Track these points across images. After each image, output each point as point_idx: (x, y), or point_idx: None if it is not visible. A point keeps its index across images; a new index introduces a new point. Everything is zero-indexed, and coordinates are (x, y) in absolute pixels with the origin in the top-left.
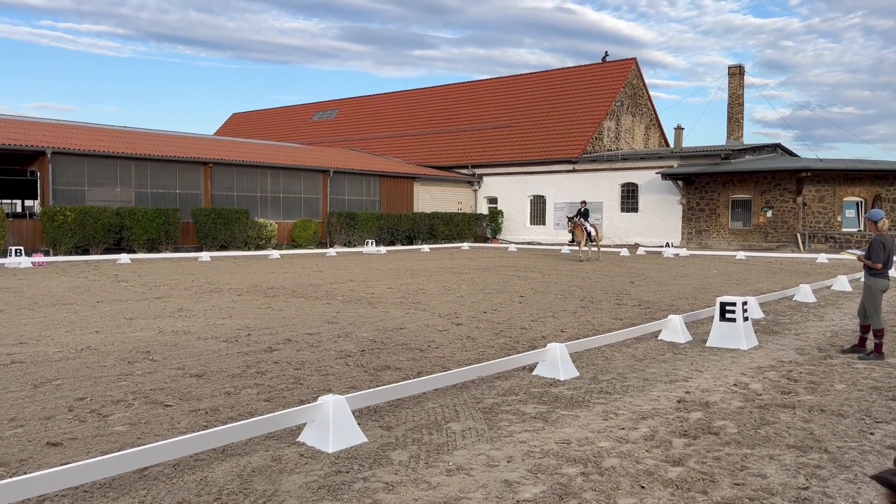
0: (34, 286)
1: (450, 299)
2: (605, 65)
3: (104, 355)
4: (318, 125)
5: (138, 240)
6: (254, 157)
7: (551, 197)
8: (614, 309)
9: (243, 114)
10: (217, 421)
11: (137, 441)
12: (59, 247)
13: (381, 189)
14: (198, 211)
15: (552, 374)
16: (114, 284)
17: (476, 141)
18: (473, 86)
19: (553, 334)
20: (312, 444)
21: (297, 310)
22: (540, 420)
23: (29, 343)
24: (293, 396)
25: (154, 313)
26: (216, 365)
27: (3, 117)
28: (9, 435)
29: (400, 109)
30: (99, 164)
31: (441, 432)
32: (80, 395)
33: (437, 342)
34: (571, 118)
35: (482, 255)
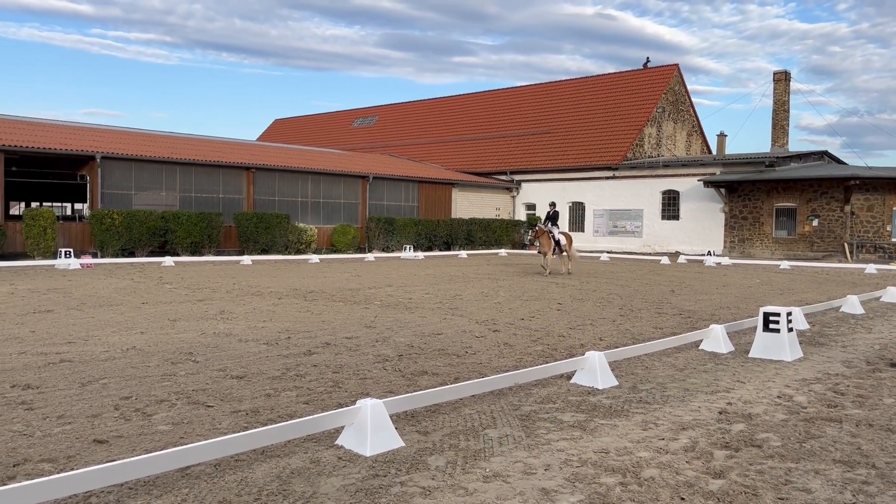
0: (82, 287)
1: (487, 305)
2: (647, 71)
3: (149, 356)
4: (358, 131)
5: (182, 243)
6: (295, 162)
7: (590, 204)
8: (654, 318)
9: (285, 120)
10: (257, 422)
11: (180, 440)
12: (107, 249)
13: (420, 195)
14: (240, 215)
15: (590, 383)
16: (158, 286)
17: (515, 147)
18: (512, 92)
19: (591, 342)
20: (350, 447)
21: (335, 314)
22: (578, 429)
23: (77, 342)
24: (331, 399)
25: (197, 315)
26: (257, 367)
27: (55, 123)
28: (57, 432)
29: (439, 116)
30: (145, 169)
31: (478, 438)
32: (125, 394)
33: (474, 348)
34: (611, 124)
35: (520, 262)
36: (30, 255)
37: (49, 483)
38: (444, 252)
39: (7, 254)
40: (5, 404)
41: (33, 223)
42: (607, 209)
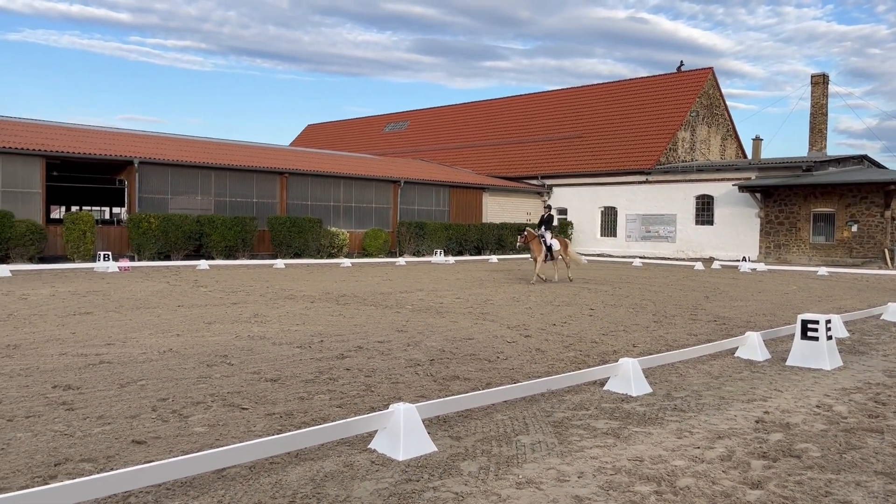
0: (120, 290)
1: (518, 310)
2: (680, 74)
3: (185, 358)
4: (390, 136)
5: (217, 247)
6: (327, 167)
7: (623, 208)
8: (688, 324)
9: (318, 125)
10: (291, 425)
11: (216, 442)
12: (144, 252)
13: (451, 199)
14: (273, 219)
15: (624, 390)
16: (194, 289)
17: (546, 151)
18: (544, 96)
19: (625, 349)
20: (383, 451)
21: (367, 318)
22: (612, 436)
23: (116, 344)
24: (364, 403)
25: (231, 318)
26: (290, 370)
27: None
28: (97, 432)
29: (470, 120)
30: (181, 174)
31: (511, 445)
32: (162, 395)
33: (505, 353)
34: (644, 129)
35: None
36: (70, 257)
37: (90, 483)
38: (474, 256)
39: (48, 256)
40: (47, 404)
41: (73, 227)
42: (640, 214)
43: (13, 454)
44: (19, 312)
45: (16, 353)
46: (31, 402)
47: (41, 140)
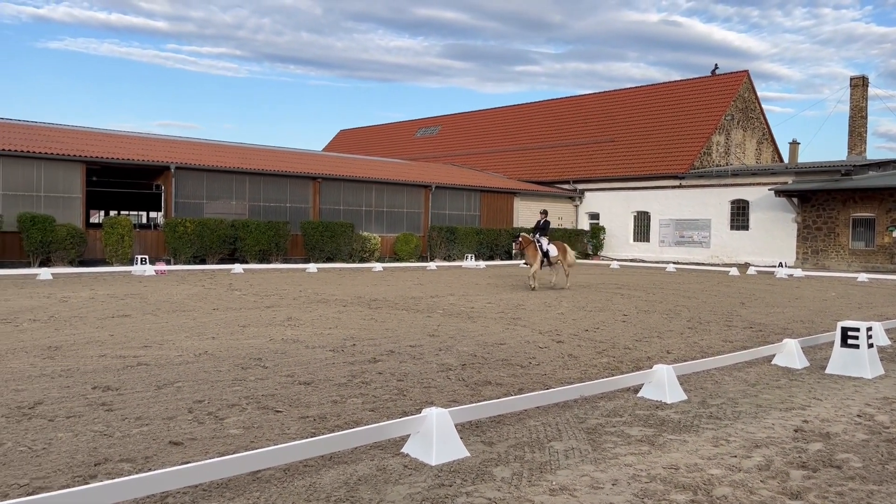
0: (157, 293)
1: (550, 316)
2: (715, 78)
3: (220, 360)
4: (421, 141)
5: (251, 251)
6: (359, 172)
7: (656, 213)
8: (723, 331)
9: (350, 130)
10: (325, 428)
11: (251, 444)
12: (179, 256)
13: (482, 204)
14: (306, 224)
15: (658, 397)
16: (228, 293)
17: (578, 156)
18: (575, 100)
19: (659, 355)
20: (416, 455)
21: (399, 322)
22: (646, 443)
23: (153, 346)
24: (396, 407)
25: (265, 321)
26: (323, 373)
27: (132, 135)
28: (135, 433)
29: (501, 125)
30: (216, 179)
31: (543, 451)
32: (198, 397)
33: (537, 359)
34: (678, 133)
35: (583, 272)
36: (108, 261)
37: (129, 483)
38: (505, 261)
39: (88, 260)
40: (87, 405)
41: (112, 231)
42: (673, 219)
43: (54, 453)
44: (60, 314)
45: (57, 355)
46: (72, 403)
47: (81, 146)
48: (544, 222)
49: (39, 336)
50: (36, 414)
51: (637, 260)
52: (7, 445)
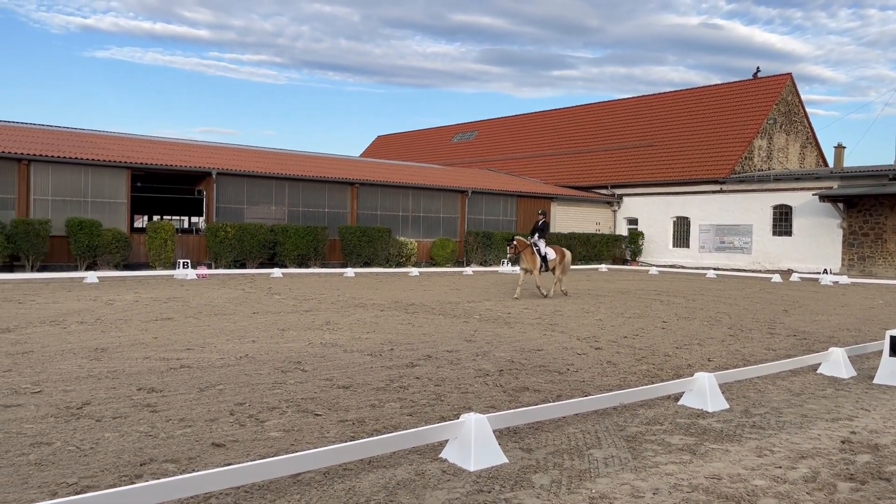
0: (198, 296)
1: (588, 322)
2: (756, 81)
3: (260, 364)
4: (458, 146)
5: (289, 255)
6: (396, 177)
7: (696, 219)
8: (766, 339)
9: (387, 136)
10: (363, 432)
11: (291, 447)
12: (220, 260)
13: (518, 209)
14: (344, 229)
15: (699, 405)
16: (268, 297)
17: (616, 161)
18: (613, 105)
19: (699, 363)
20: (454, 461)
21: (436, 327)
22: (687, 452)
23: (195, 349)
24: (434, 412)
25: (304, 325)
26: (361, 377)
27: (174, 141)
28: (179, 434)
29: (538, 130)
30: (256, 184)
31: (583, 458)
32: (239, 400)
33: (576, 366)
34: (718, 137)
35: (621, 278)
36: (152, 265)
37: (174, 483)
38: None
39: (132, 264)
40: (132, 406)
41: (155, 235)
42: (714, 224)
43: (102, 453)
44: (106, 317)
45: (103, 356)
46: (118, 404)
47: (127, 153)
48: (543, 224)
49: (86, 338)
50: (84, 414)
51: (676, 266)
52: (56, 445)
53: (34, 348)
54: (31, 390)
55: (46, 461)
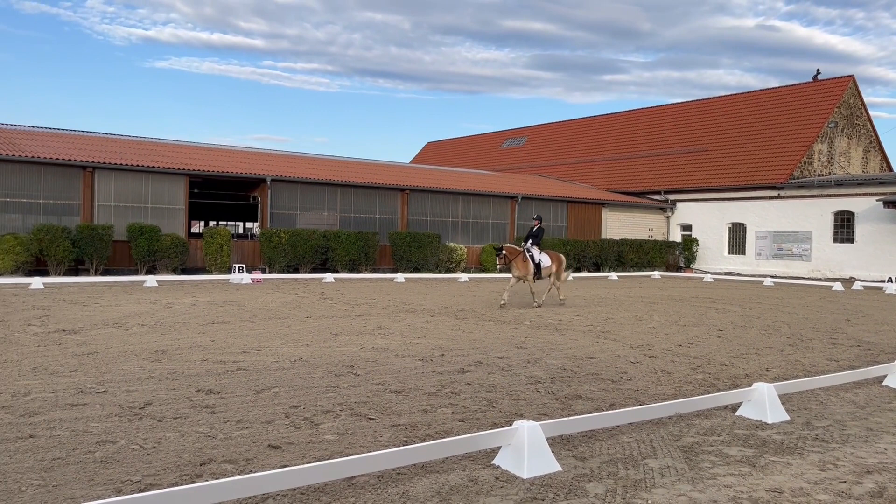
0: (253, 301)
1: (641, 330)
2: (816, 84)
3: (314, 367)
4: (508, 152)
5: (341, 260)
6: (446, 183)
7: (752, 225)
8: (828, 349)
9: (437, 142)
10: (416, 437)
11: (345, 450)
12: (274, 265)
13: (569, 215)
14: (394, 235)
15: (758, 416)
16: (320, 301)
17: (669, 166)
18: (666, 109)
19: (757, 373)
20: (507, 467)
21: (486, 333)
22: (746, 464)
23: (250, 352)
24: (486, 419)
25: (356, 330)
26: (413, 382)
27: (230, 149)
28: (236, 435)
29: (589, 135)
30: (309, 191)
31: (638, 468)
32: (294, 403)
33: (629, 374)
34: (776, 141)
35: (675, 285)
36: (208, 269)
37: (233, 483)
38: (593, 273)
39: (189, 268)
40: (192, 407)
41: (212, 241)
42: (771, 231)
43: (163, 452)
44: (165, 320)
45: (163, 358)
46: (178, 405)
47: (185, 160)
48: (538, 229)
49: (147, 340)
50: (146, 414)
51: (732, 273)
52: (120, 443)
53: (98, 349)
54: (97, 390)
55: (111, 459)
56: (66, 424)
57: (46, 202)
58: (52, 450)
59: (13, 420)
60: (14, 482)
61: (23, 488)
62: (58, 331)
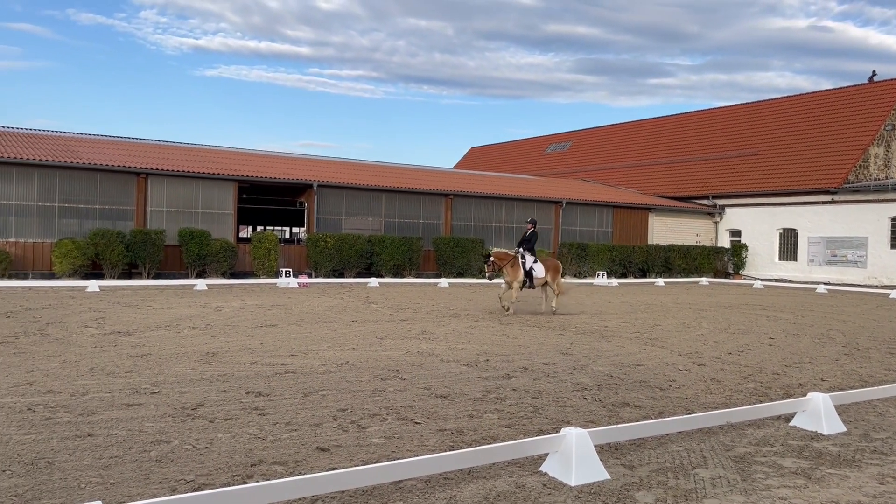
0: (300, 304)
1: (689, 337)
2: (872, 85)
3: (360, 371)
4: (552, 157)
5: (385, 265)
6: (490, 188)
7: (804, 231)
8: (886, 359)
9: (481, 147)
10: (462, 442)
11: (392, 454)
12: (320, 270)
13: (614, 220)
14: (438, 240)
15: (813, 427)
16: (365, 306)
17: (717, 170)
18: (714, 113)
19: (812, 383)
20: (554, 475)
21: (531, 338)
22: (801, 476)
23: (298, 355)
24: (532, 425)
25: (401, 334)
26: (458, 387)
27: (277, 155)
28: (285, 437)
29: (634, 139)
30: (354, 196)
31: (688, 478)
32: (342, 406)
33: (678, 382)
34: (830, 145)
35: (723, 292)
36: (256, 273)
37: (283, 485)
38: (639, 279)
39: (238, 272)
40: (242, 409)
41: (260, 245)
42: (824, 237)
43: (215, 453)
44: (215, 323)
45: (214, 360)
46: (229, 406)
47: (234, 166)
48: (531, 233)
49: (198, 342)
50: (198, 415)
51: (783, 280)
52: (174, 443)
53: (152, 351)
54: (151, 391)
55: (166, 458)
56: (123, 424)
57: (102, 207)
58: (109, 448)
59: (73, 419)
60: (74, 479)
61: (82, 485)
62: (113, 332)
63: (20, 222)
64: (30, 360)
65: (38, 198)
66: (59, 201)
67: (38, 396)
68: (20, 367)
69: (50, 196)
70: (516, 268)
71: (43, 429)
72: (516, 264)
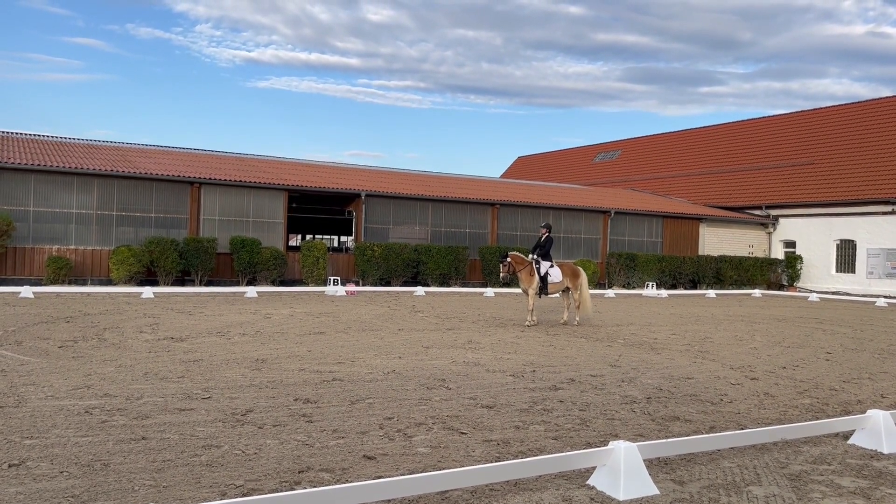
0: (347, 312)
1: (741, 350)
2: None
3: (406, 379)
4: (600, 166)
5: (431, 274)
6: (536, 198)
7: (863, 242)
8: None
9: (528, 157)
10: (508, 453)
11: (438, 464)
12: (367, 278)
13: (664, 230)
14: (484, 249)
15: (873, 446)
16: (412, 314)
17: (771, 180)
18: (767, 121)
19: (871, 399)
20: (602, 488)
21: (578, 350)
22: (860, 496)
23: (345, 363)
24: (579, 438)
25: (447, 343)
26: (504, 398)
27: (326, 164)
28: (332, 445)
29: (684, 148)
30: (401, 205)
31: (741, 495)
32: (388, 414)
33: (729, 396)
34: (888, 153)
35: (777, 304)
36: (305, 281)
37: (330, 492)
38: (689, 291)
39: (287, 280)
40: (290, 415)
41: (308, 254)
42: (885, 248)
43: (264, 459)
44: (265, 330)
45: (263, 367)
46: (277, 413)
47: (284, 175)
48: (546, 238)
49: (248, 349)
50: (247, 421)
51: (840, 293)
52: (224, 448)
53: (203, 357)
54: (202, 396)
55: (216, 463)
56: (175, 428)
57: (157, 216)
58: (162, 452)
59: (127, 422)
60: (128, 481)
61: (136, 488)
62: (167, 338)
63: (80, 230)
64: (87, 363)
65: (97, 206)
66: (117, 210)
67: (94, 399)
68: (78, 370)
69: (108, 205)
70: (533, 276)
71: (99, 431)
72: (533, 272)
